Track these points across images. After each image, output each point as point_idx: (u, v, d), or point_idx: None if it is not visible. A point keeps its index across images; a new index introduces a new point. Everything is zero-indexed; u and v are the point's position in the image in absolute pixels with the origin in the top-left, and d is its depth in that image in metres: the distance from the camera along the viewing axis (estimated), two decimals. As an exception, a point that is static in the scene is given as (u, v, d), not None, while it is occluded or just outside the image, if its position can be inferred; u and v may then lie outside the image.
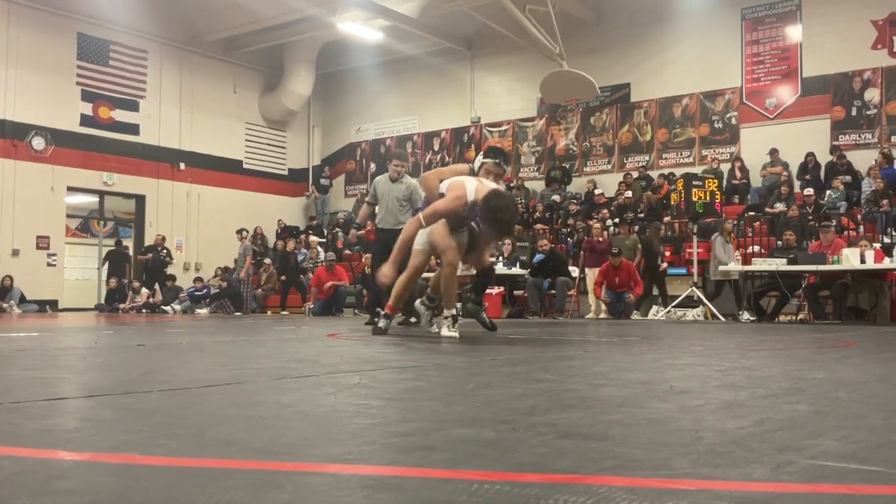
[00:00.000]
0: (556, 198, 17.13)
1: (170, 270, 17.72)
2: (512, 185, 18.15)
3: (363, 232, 18.73)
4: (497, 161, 6.02)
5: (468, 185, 5.34)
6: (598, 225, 14.05)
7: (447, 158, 20.10)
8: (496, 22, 16.17)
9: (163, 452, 1.43)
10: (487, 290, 12.80)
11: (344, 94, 21.77)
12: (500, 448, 1.48)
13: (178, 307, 16.67)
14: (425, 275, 6.86)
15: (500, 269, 12.94)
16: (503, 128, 19.25)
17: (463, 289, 7.36)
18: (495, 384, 2.65)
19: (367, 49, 19.32)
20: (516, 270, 13.06)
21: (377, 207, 8.38)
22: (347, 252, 18.20)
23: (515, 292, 13.25)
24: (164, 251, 17.57)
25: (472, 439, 1.56)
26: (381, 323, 5.86)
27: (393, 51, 19.21)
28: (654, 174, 16.51)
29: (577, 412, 1.96)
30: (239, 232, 17.92)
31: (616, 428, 1.71)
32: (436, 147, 20.39)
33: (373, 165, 21.46)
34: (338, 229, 19.54)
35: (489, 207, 5.07)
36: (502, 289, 12.90)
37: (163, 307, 16.62)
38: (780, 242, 12.27)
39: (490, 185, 5.44)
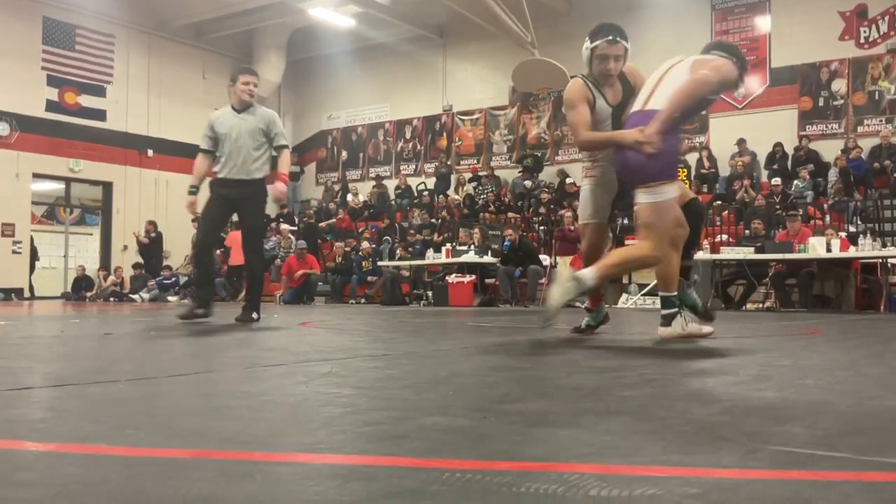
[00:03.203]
0: (528, 183, 17.18)
1: (138, 259, 17.55)
2: (483, 174, 18.18)
3: (334, 221, 18.69)
4: (611, 38, 4.61)
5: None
6: (569, 214, 14.11)
7: (419, 146, 20.07)
8: (468, 10, 16.12)
9: (130, 443, 1.42)
10: (458, 279, 12.92)
11: (315, 80, 21.61)
12: (472, 436, 1.48)
13: (146, 296, 16.50)
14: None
15: (471, 257, 12.97)
16: (475, 116, 19.24)
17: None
18: (467, 372, 2.65)
19: (338, 35, 19.18)
20: (488, 259, 13.08)
21: (218, 154, 5.94)
22: (319, 240, 18.12)
23: (487, 280, 13.28)
24: (154, 235, 17.77)
25: (443, 428, 1.56)
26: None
27: (365, 37, 19.09)
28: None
29: (548, 400, 1.97)
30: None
31: (587, 416, 1.72)
32: (407, 135, 20.32)
33: (344, 153, 21.36)
34: (310, 216, 19.44)
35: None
36: (473, 277, 12.92)
37: (131, 296, 16.44)
38: (747, 231, 12.42)
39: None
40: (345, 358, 3.20)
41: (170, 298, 16.11)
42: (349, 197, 19.61)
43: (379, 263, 15.28)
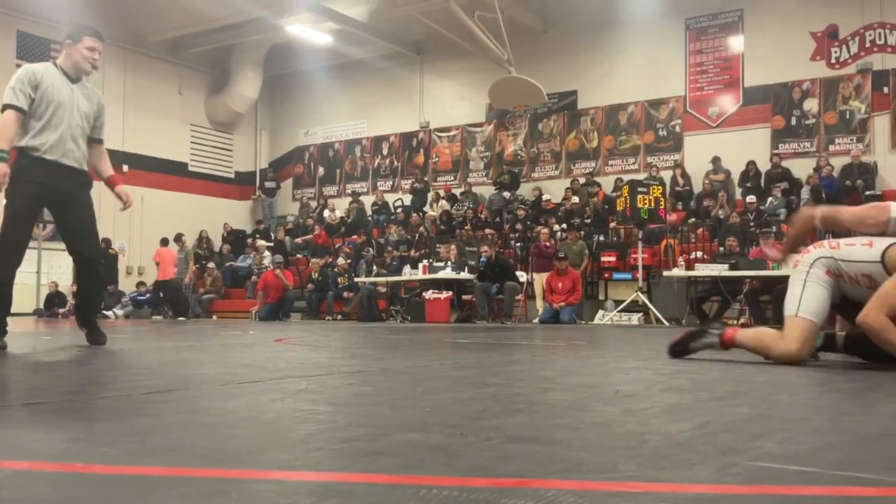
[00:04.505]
0: (507, 194, 17.30)
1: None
2: (459, 191, 18.25)
3: (310, 237, 18.64)
4: None
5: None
6: (545, 230, 14.19)
7: (396, 163, 20.11)
8: (446, 27, 16.23)
9: (104, 460, 1.40)
10: (435, 295, 12.92)
11: (292, 96, 21.60)
12: (449, 453, 1.47)
13: (119, 312, 16.33)
14: None
15: (448, 273, 12.98)
16: (452, 133, 19.31)
17: None
18: (443, 389, 2.65)
19: (316, 52, 19.21)
20: (464, 275, 13.10)
21: (35, 121, 4.47)
22: (295, 256, 18.07)
23: (464, 297, 13.29)
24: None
25: (420, 444, 1.56)
26: None
27: (342, 54, 19.13)
28: (600, 180, 16.73)
29: (525, 416, 1.97)
30: (177, 239, 17.35)
31: (563, 432, 1.72)
32: (384, 151, 20.36)
33: (321, 169, 21.34)
34: (286, 232, 19.39)
35: None
36: (450, 293, 12.92)
37: (104, 312, 16.27)
38: (722, 248, 12.54)
39: None
40: (321, 374, 3.18)
41: (143, 317, 15.97)
42: (326, 213, 19.59)
43: (355, 279, 15.25)
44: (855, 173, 13.86)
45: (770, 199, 14.06)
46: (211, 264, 17.90)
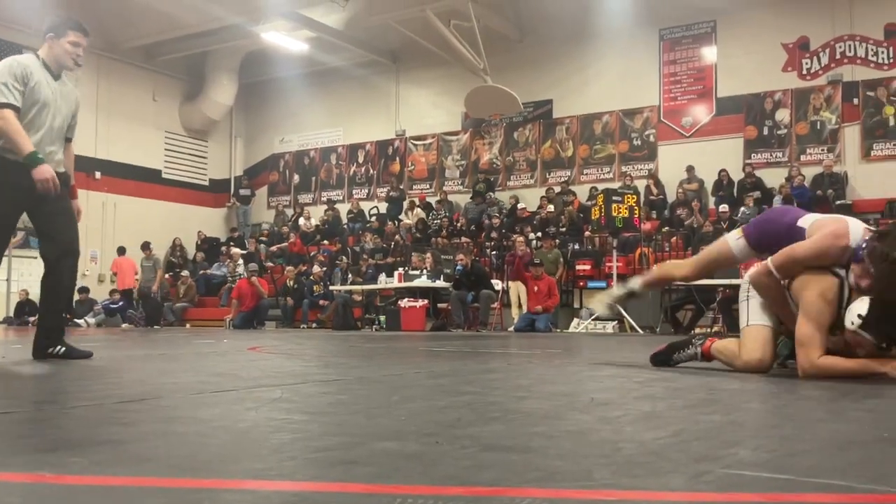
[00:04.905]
0: (491, 193, 17.39)
1: (84, 283, 17.14)
2: (435, 199, 18.27)
3: (286, 245, 18.55)
4: None
5: (851, 225, 3.46)
6: (521, 238, 14.24)
7: (371, 171, 20.08)
8: (421, 36, 16.26)
9: (75, 471, 1.38)
10: (410, 303, 12.90)
11: (267, 104, 21.51)
12: (424, 461, 1.47)
13: (91, 320, 16.14)
14: None
15: (424, 281, 12.98)
16: (428, 141, 19.33)
17: None
18: (419, 397, 2.65)
19: (291, 59, 19.15)
20: (440, 283, 13.10)
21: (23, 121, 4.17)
22: (270, 264, 17.97)
23: (439, 305, 13.29)
24: None
25: (395, 453, 1.55)
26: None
27: (318, 62, 19.10)
28: (575, 189, 16.81)
29: (501, 425, 1.97)
30: (144, 247, 17.08)
31: (539, 440, 1.73)
32: (360, 159, 20.34)
33: (296, 177, 21.27)
34: (261, 240, 19.29)
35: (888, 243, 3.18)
36: (426, 301, 12.92)
37: (76, 320, 16.07)
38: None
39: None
40: (296, 383, 3.16)
41: (116, 325, 15.79)
42: (301, 221, 19.52)
43: (331, 288, 15.19)
44: (826, 183, 14.05)
45: (742, 208, 14.20)
46: (185, 272, 17.75)
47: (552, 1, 16.33)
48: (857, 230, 3.39)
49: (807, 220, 3.62)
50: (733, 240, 3.90)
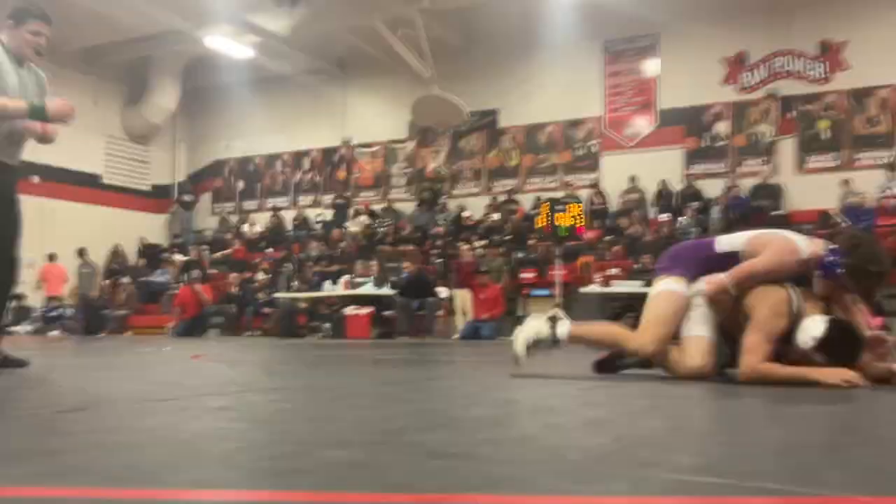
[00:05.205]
0: (443, 198, 17.41)
1: (20, 289, 16.65)
2: (381, 206, 18.24)
3: (229, 251, 18.31)
4: None
5: (791, 234, 3.72)
6: (466, 246, 14.30)
7: (317, 178, 19.96)
8: (369, 44, 16.24)
9: (13, 482, 1.35)
10: (356, 311, 12.84)
11: (212, 109, 21.20)
12: (371, 469, 1.47)
13: (29, 328, 15.68)
14: None
15: (369, 289, 12.93)
16: (374, 149, 19.30)
17: None
18: (365, 405, 2.64)
19: (236, 65, 18.91)
20: (386, 291, 13.06)
21: None
22: (213, 271, 17.70)
23: (385, 313, 13.25)
24: None
25: (341, 461, 1.55)
26: None
27: (264, 68, 18.91)
28: (520, 198, 16.95)
29: (447, 432, 1.98)
30: (81, 253, 16.60)
31: (484, 447, 1.74)
32: (305, 166, 20.19)
33: (241, 183, 21.01)
34: (204, 247, 18.98)
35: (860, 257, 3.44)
36: (371, 309, 12.86)
37: (10, 328, 15.60)
38: (637, 265, 12.86)
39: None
40: (240, 391, 3.13)
41: (53, 332, 15.37)
42: (245, 227, 19.27)
43: (275, 295, 15.03)
44: (762, 194, 14.43)
45: (682, 217, 14.49)
46: (125, 279, 17.37)
47: (499, 12, 16.46)
48: (802, 243, 3.54)
49: (734, 240, 3.75)
50: (676, 285, 3.78)
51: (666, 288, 3.78)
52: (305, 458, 1.59)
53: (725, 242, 3.78)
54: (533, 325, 3.91)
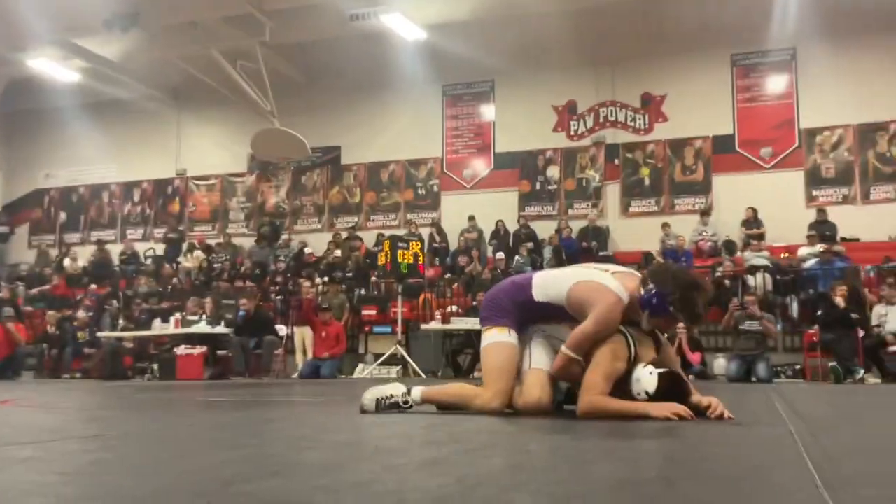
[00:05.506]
0: (285, 235, 16.99)
1: None
2: (217, 242, 17.65)
3: (47, 287, 17.11)
4: None
5: (603, 280, 3.72)
6: (307, 283, 14.06)
7: (148, 210, 19.08)
8: (206, 74, 15.75)
9: None
10: (187, 350, 12.26)
11: (33, 135, 19.84)
12: (196, 524, 1.36)
13: None
14: None
15: (203, 327, 12.41)
16: (211, 181, 18.71)
17: None
18: (192, 452, 2.48)
19: (62, 89, 17.83)
20: (220, 329, 12.58)
21: None
22: (28, 308, 16.41)
23: (219, 352, 12.73)
24: None
25: (163, 516, 1.42)
26: None
27: (92, 93, 17.94)
28: (362, 235, 16.92)
29: (281, 479, 1.88)
30: None
31: (321, 494, 1.66)
32: (136, 198, 19.27)
33: (63, 214, 19.75)
34: (18, 283, 17.58)
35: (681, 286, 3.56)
36: (205, 348, 12.32)
37: None
38: (475, 303, 13.08)
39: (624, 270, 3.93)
40: (52, 440, 2.86)
41: None
42: (67, 262, 18.07)
43: (98, 334, 14.13)
44: (590, 236, 15.16)
45: (517, 256, 14.95)
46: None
47: (340, 50, 16.49)
48: (617, 286, 3.65)
49: (550, 290, 3.78)
50: (502, 335, 3.82)
51: (493, 340, 3.84)
52: (122, 514, 1.45)
53: (542, 292, 3.80)
54: (387, 387, 3.93)
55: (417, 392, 3.85)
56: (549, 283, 3.83)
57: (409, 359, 11.90)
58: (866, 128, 14.68)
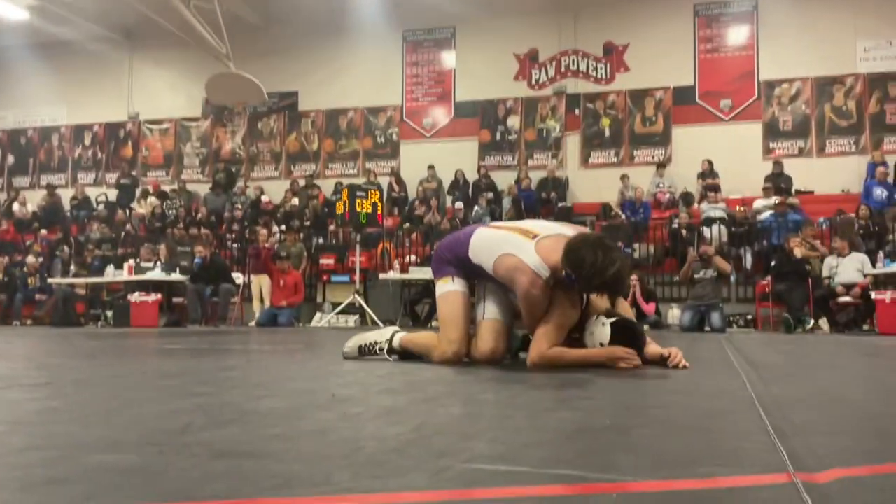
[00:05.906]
0: (241, 183, 16.70)
1: None
2: (172, 188, 17.33)
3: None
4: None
5: (523, 256, 3.49)
6: (263, 231, 13.91)
7: (100, 154, 18.62)
8: (159, 14, 15.23)
9: None
10: (142, 298, 12.10)
11: (-23, 74, 19.17)
12: (145, 475, 1.32)
13: None
14: None
15: (158, 275, 12.24)
16: (165, 126, 18.29)
17: None
18: (144, 401, 2.43)
19: (11, 28, 17.18)
20: (175, 276, 12.42)
21: None
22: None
23: (174, 300, 12.59)
24: None
25: (111, 467, 1.38)
26: None
27: (42, 32, 17.32)
28: (320, 183, 16.73)
29: (236, 428, 1.84)
30: None
31: (276, 443, 1.63)
32: (87, 142, 18.78)
33: (10, 157, 19.19)
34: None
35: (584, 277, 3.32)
36: (159, 296, 12.16)
37: None
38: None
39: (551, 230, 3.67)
40: (-1, 389, 2.79)
41: None
42: (15, 206, 17.62)
43: (49, 280, 13.86)
44: (550, 187, 15.18)
45: (476, 207, 14.94)
46: None
47: (299, -9, 16.09)
48: (535, 261, 3.43)
49: (481, 253, 3.67)
50: (450, 285, 3.80)
51: (442, 291, 3.84)
52: (68, 464, 1.40)
53: (474, 254, 3.69)
54: (370, 334, 3.99)
55: (398, 339, 3.90)
56: (481, 248, 3.69)
57: (367, 308, 11.89)
58: (823, 81, 14.83)
